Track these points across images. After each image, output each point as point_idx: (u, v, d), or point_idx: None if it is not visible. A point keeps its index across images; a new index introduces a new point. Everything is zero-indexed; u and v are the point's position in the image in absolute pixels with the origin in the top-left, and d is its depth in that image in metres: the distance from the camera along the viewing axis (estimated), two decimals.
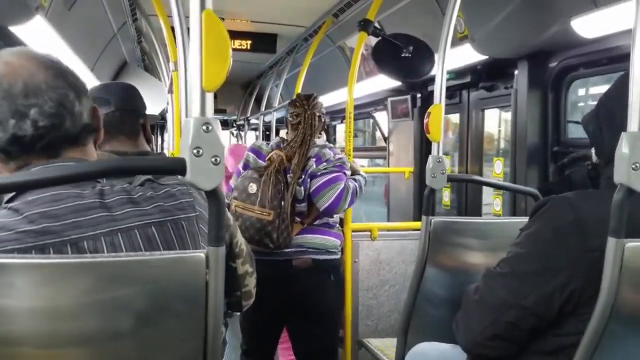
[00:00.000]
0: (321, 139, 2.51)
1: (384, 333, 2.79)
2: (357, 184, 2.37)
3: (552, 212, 1.14)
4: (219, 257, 0.83)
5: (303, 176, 2.30)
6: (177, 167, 0.78)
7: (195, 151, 0.77)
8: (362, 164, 5.51)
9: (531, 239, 1.17)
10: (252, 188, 2.28)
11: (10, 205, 0.89)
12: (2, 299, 0.76)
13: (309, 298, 2.33)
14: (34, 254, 0.84)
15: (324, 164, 2.30)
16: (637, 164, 0.94)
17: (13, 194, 0.91)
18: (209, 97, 0.79)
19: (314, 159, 2.31)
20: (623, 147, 0.95)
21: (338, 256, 2.44)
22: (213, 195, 0.80)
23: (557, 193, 1.15)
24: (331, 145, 2.44)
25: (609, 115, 1.16)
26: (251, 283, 1.63)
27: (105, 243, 0.89)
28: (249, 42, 4.33)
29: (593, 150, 1.25)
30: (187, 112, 0.80)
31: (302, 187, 2.30)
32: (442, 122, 1.69)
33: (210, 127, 0.78)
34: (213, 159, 0.78)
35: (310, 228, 2.34)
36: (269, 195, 2.24)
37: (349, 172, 2.38)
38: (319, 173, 2.29)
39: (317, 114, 2.42)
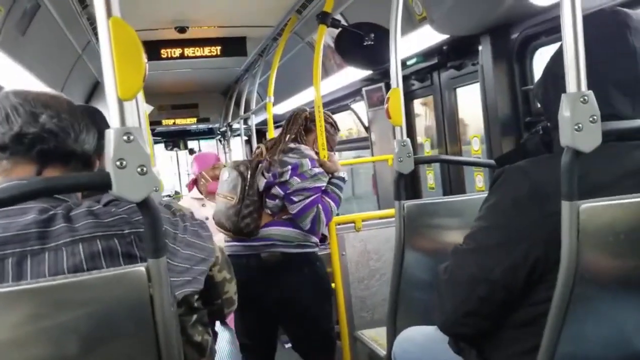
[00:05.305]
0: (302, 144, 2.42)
1: (381, 322, 2.75)
2: (332, 197, 2.32)
3: (507, 183, 1.13)
4: (161, 269, 0.81)
5: (273, 170, 2.30)
6: (102, 181, 0.76)
7: (118, 163, 0.75)
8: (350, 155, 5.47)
9: (491, 211, 1.16)
10: (225, 176, 2.40)
11: None
12: None
13: (285, 296, 2.30)
14: None
15: (297, 179, 2.25)
16: (580, 125, 0.92)
17: None
18: (128, 106, 0.77)
19: (291, 167, 2.27)
20: (564, 110, 0.93)
21: (313, 249, 2.38)
22: (145, 207, 0.78)
23: (513, 162, 1.14)
24: (313, 155, 2.33)
25: (554, 78, 1.14)
26: (231, 289, 1.61)
27: (66, 253, 0.89)
28: (219, 47, 4.29)
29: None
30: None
31: (265, 180, 2.31)
32: (401, 105, 1.67)
33: (132, 137, 0.76)
34: (139, 169, 0.76)
35: (279, 220, 2.32)
36: (235, 182, 2.32)
37: (324, 183, 2.32)
38: (293, 190, 2.25)
39: (300, 115, 2.46)
